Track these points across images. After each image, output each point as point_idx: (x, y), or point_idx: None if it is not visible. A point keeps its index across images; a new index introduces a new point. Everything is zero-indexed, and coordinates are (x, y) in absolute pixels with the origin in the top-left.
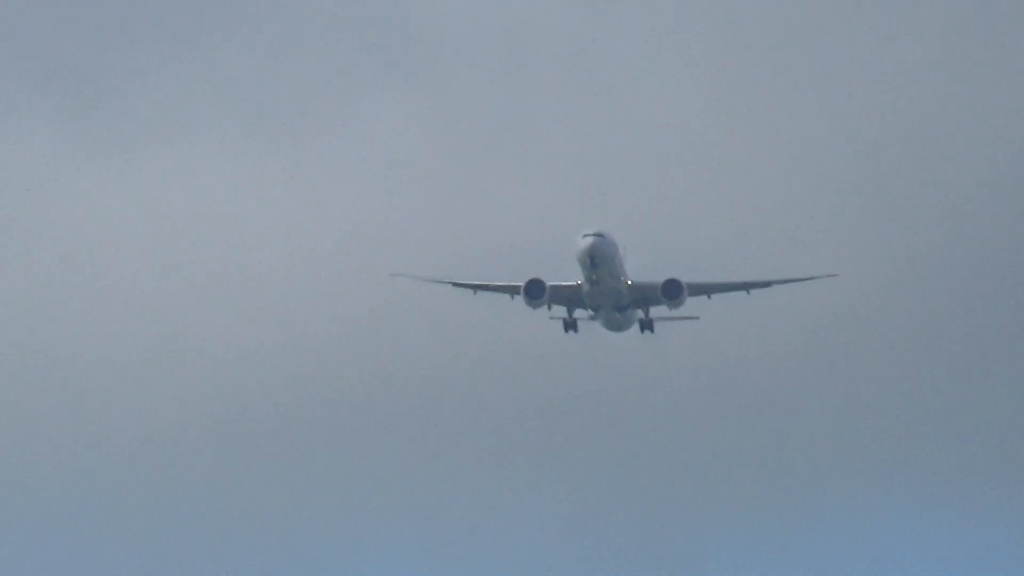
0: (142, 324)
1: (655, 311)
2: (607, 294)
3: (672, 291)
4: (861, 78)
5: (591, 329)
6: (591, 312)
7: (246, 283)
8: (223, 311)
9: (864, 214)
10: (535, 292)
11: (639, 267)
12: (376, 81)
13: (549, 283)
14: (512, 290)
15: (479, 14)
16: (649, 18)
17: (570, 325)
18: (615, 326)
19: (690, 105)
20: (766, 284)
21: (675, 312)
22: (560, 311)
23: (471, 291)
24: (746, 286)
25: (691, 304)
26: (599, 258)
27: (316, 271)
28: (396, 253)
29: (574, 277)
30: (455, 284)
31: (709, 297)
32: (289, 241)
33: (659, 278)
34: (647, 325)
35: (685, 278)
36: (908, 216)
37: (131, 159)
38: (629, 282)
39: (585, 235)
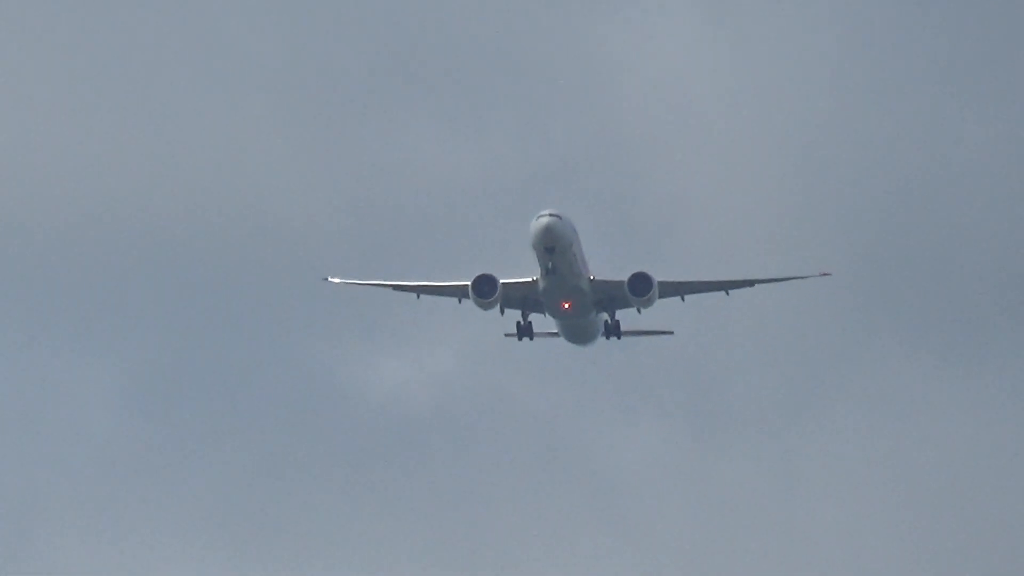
0: None
1: (622, 316)
2: (567, 290)
3: (640, 286)
4: (852, 69)
5: (552, 345)
6: (548, 315)
7: None
8: None
9: (860, 207)
10: (485, 289)
11: (603, 268)
12: None
13: (501, 280)
14: (460, 291)
15: None
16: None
17: (524, 331)
18: (577, 335)
19: (665, 85)
20: (749, 284)
21: (644, 313)
22: (515, 317)
23: (413, 295)
24: (725, 286)
25: (663, 309)
26: (556, 240)
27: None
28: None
29: (530, 276)
30: (396, 287)
31: (683, 299)
32: None
33: (625, 275)
34: (613, 330)
35: (657, 276)
36: (908, 209)
37: None
38: (592, 277)
39: (540, 215)
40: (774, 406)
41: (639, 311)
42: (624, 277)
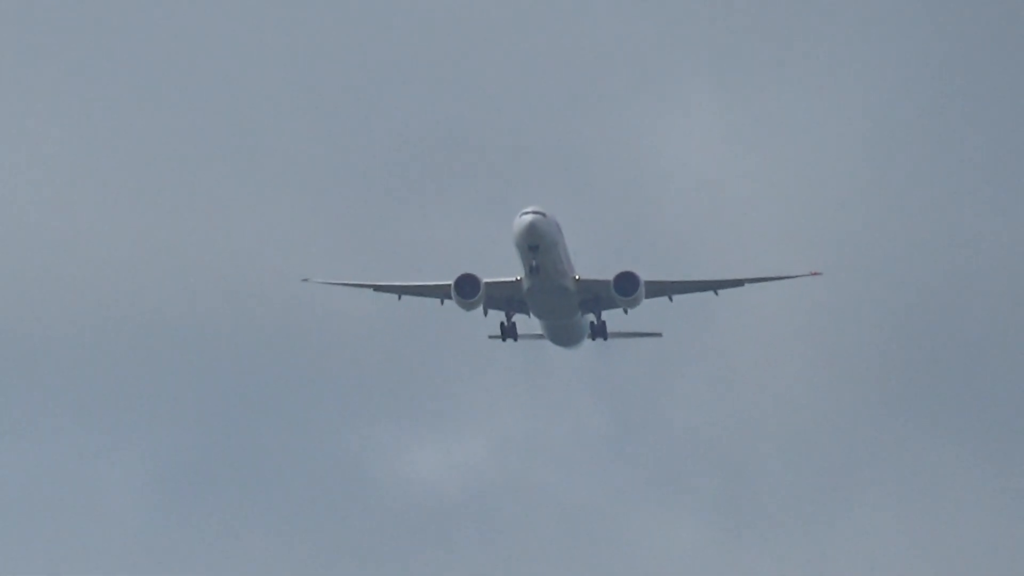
0: None
1: (608, 316)
2: (551, 290)
3: (626, 286)
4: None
5: (537, 348)
6: (533, 316)
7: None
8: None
9: (851, 205)
10: (468, 289)
11: (589, 268)
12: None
13: (484, 279)
14: (442, 291)
15: None
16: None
17: (508, 332)
18: (563, 337)
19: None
20: (738, 283)
21: (632, 314)
22: (499, 318)
23: (395, 296)
24: (714, 285)
25: (651, 310)
26: (540, 238)
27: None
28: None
29: (513, 275)
30: (376, 288)
31: (671, 299)
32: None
33: (610, 274)
34: (599, 332)
35: (643, 276)
36: (902, 206)
37: None
38: (576, 277)
39: (524, 213)
40: (765, 408)
41: (626, 312)
42: (610, 276)
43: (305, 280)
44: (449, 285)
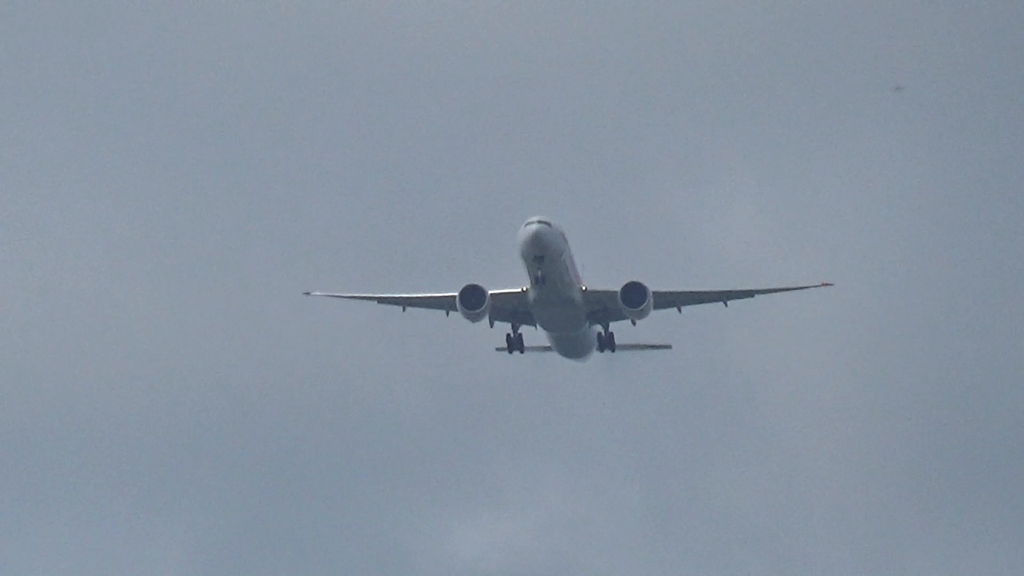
0: None
1: (617, 328)
2: (557, 301)
3: (634, 297)
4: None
5: (545, 360)
6: (540, 327)
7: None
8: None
9: (862, 214)
10: (473, 301)
11: (596, 279)
12: None
13: (490, 291)
14: (447, 303)
15: None
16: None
17: (515, 344)
18: (570, 349)
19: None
20: (748, 294)
21: (641, 326)
22: (505, 330)
23: (399, 308)
24: (724, 296)
25: (661, 322)
26: (545, 248)
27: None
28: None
29: (519, 286)
30: (380, 300)
31: (680, 310)
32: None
33: (618, 285)
34: (607, 343)
35: (651, 287)
36: (913, 215)
37: None
38: (584, 287)
39: (528, 222)
40: (775, 420)
41: (633, 323)
42: (617, 287)
43: (307, 293)
44: (454, 296)
